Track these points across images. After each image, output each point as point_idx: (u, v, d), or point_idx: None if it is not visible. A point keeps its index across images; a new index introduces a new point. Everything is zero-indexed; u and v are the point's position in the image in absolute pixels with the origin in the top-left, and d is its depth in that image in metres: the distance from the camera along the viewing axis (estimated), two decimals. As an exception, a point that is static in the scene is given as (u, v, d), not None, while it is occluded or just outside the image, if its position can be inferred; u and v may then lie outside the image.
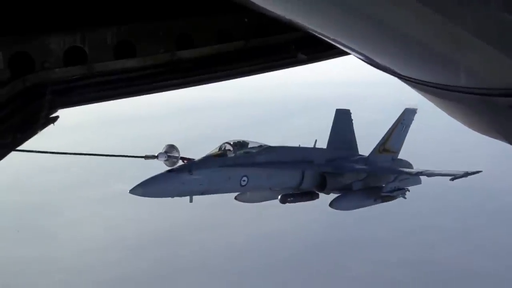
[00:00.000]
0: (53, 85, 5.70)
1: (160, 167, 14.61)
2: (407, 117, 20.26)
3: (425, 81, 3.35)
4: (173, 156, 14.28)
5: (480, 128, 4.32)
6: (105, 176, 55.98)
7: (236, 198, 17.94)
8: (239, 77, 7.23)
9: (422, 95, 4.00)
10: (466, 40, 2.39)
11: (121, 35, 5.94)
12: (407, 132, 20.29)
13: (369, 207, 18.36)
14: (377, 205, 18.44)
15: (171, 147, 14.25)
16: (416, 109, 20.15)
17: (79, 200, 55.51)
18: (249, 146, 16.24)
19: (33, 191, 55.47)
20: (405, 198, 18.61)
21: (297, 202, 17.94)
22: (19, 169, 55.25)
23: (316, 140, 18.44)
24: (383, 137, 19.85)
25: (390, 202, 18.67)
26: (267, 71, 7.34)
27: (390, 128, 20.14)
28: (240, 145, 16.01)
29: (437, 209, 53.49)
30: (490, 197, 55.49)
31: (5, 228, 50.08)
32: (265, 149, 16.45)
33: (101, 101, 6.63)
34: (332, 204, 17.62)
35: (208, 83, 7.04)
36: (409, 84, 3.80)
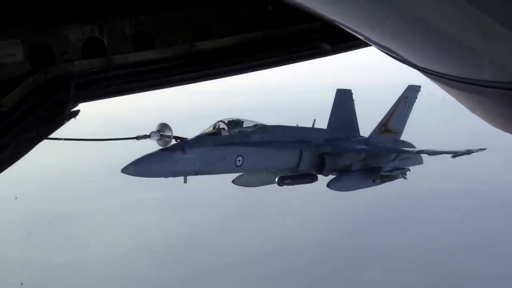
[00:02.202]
0: (74, 78, 5.66)
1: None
2: (410, 94, 19.41)
3: (447, 74, 3.20)
4: (166, 135, 13.73)
5: (503, 125, 4.10)
6: (125, 184, 56.67)
7: (234, 181, 17.48)
8: (260, 69, 7.01)
9: (443, 88, 3.83)
10: (493, 31, 2.24)
11: (139, 26, 5.88)
12: (410, 111, 19.49)
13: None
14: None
15: (164, 126, 13.69)
16: (420, 86, 19.27)
17: (103, 208, 56.25)
18: (244, 125, 15.77)
19: (58, 200, 56.25)
20: (405, 178, 17.94)
21: (295, 184, 17.22)
22: (44, 179, 56.72)
23: (314, 120, 17.88)
24: (385, 116, 19.16)
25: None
26: (289, 63, 7.11)
27: (392, 107, 19.38)
28: (234, 123, 15.57)
29: (453, 215, 52.80)
30: (506, 202, 54.26)
31: (36, 236, 51.13)
32: (260, 128, 15.97)
33: (121, 95, 6.47)
34: (329, 185, 17.11)
35: (228, 75, 6.84)
36: (429, 77, 3.65)
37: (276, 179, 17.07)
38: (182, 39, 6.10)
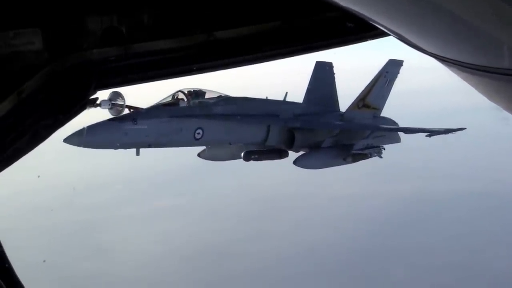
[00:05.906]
0: (92, 66, 5.72)
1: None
2: (391, 69, 18.21)
3: (465, 62, 3.07)
4: (118, 104, 12.79)
5: None
6: (148, 192, 57.57)
7: (199, 155, 16.69)
8: (279, 58, 7.04)
9: (460, 76, 3.65)
10: (511, 17, 2.17)
11: (158, 15, 5.90)
12: (391, 86, 18.27)
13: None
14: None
15: (116, 94, 12.66)
16: (402, 61, 18.17)
17: (127, 216, 56.47)
18: (207, 96, 14.84)
19: (82, 210, 56.64)
20: (381, 157, 16.67)
21: (263, 160, 16.38)
22: (67, 189, 57.68)
23: (286, 93, 16.75)
24: (363, 91, 17.99)
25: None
26: (308, 52, 7.11)
27: (371, 81, 18.15)
28: (195, 94, 14.60)
29: (476, 215, 52.63)
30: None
31: (63, 245, 52.04)
32: (224, 100, 15.05)
33: (139, 83, 6.57)
34: (296, 162, 16.09)
35: (247, 64, 6.87)
36: (447, 66, 3.49)
37: (242, 154, 16.27)
38: (201, 28, 6.07)
